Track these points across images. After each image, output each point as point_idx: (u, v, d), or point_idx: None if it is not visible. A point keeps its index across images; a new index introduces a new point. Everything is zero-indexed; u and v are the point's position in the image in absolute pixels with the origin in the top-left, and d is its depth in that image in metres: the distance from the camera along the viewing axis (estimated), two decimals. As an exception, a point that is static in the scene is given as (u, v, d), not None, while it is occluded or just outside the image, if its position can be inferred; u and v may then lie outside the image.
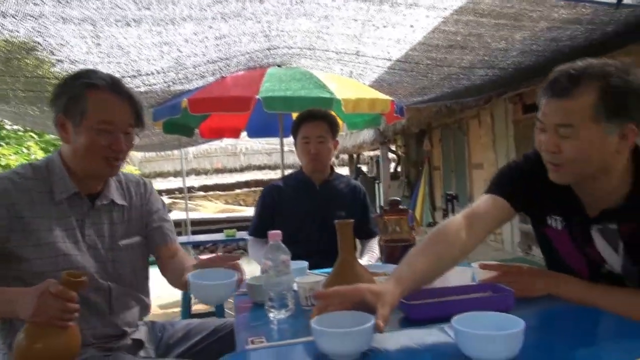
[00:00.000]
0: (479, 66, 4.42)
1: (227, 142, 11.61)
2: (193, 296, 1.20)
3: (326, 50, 4.12)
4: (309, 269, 1.66)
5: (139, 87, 3.56)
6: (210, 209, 9.44)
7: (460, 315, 0.90)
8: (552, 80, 1.16)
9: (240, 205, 10.80)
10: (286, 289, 1.24)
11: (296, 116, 2.48)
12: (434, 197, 9.65)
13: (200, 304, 4.43)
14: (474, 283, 1.34)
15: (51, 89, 1.50)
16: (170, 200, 9.97)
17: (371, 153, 11.20)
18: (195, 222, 7.97)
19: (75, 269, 1.29)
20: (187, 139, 6.00)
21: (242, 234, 4.74)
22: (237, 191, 11.30)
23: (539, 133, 1.22)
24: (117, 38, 2.73)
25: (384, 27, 3.53)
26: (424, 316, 1.13)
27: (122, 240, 1.50)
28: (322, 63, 4.56)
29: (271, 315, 1.23)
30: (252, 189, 11.60)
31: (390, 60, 4.26)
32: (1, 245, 1.28)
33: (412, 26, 3.53)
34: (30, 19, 2.37)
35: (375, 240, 2.45)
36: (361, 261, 2.47)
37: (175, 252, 1.59)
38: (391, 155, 11.21)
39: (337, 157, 11.98)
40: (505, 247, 6.34)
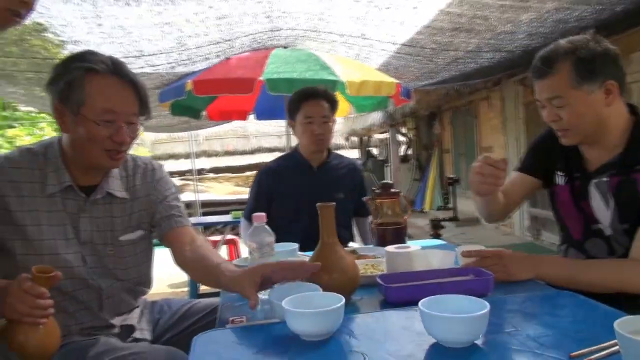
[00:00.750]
0: (486, 49, 4.35)
1: (237, 125, 11.61)
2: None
3: (330, 33, 4.08)
4: (305, 251, 1.65)
5: (143, 67, 3.58)
6: (220, 190, 9.52)
7: (428, 298, 0.92)
8: (533, 66, 1.39)
9: (249, 187, 10.87)
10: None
11: (294, 94, 2.38)
12: (444, 180, 9.60)
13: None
14: (457, 267, 1.35)
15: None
16: (181, 182, 10.07)
17: (381, 136, 11.13)
18: (205, 203, 8.06)
19: (62, 267, 1.21)
20: (196, 122, 6.03)
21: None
22: (247, 173, 11.35)
23: (541, 110, 1.44)
24: (118, 18, 2.74)
25: (387, 8, 3.48)
26: (403, 299, 1.15)
27: (123, 236, 1.40)
28: (327, 45, 4.52)
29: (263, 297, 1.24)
30: (262, 171, 11.58)
31: (395, 44, 4.20)
32: None
33: (415, 7, 3.47)
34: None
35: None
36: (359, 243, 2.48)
37: (191, 238, 1.44)
38: (402, 138, 11.14)
39: (347, 139, 11.94)
40: (515, 231, 6.31)
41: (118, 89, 1.27)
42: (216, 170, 11.51)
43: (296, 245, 1.60)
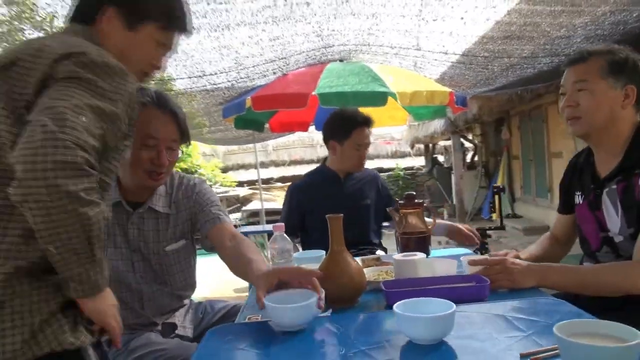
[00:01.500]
0: (542, 55, 4.25)
1: (304, 134, 11.93)
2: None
3: (381, 46, 4.21)
4: None
5: (205, 85, 3.90)
6: (286, 199, 9.86)
7: (404, 301, 1.03)
8: (570, 57, 1.51)
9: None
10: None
11: (343, 118, 2.44)
12: (513, 187, 9.28)
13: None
14: (459, 274, 1.43)
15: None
16: (250, 191, 10.54)
17: (446, 143, 10.98)
18: (271, 212, 8.40)
19: (111, 271, 1.30)
20: (260, 134, 6.37)
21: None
22: (313, 182, 11.62)
23: (561, 100, 1.50)
24: (180, 44, 3.05)
25: (434, 20, 3.54)
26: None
27: (169, 246, 1.57)
28: (381, 57, 4.64)
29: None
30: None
31: (446, 53, 4.24)
32: None
33: (462, 18, 3.51)
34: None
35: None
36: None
37: (231, 234, 1.55)
38: (468, 144, 10.90)
39: (412, 147, 11.88)
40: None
41: (159, 118, 1.48)
42: (283, 179, 11.92)
43: (322, 252, 1.72)
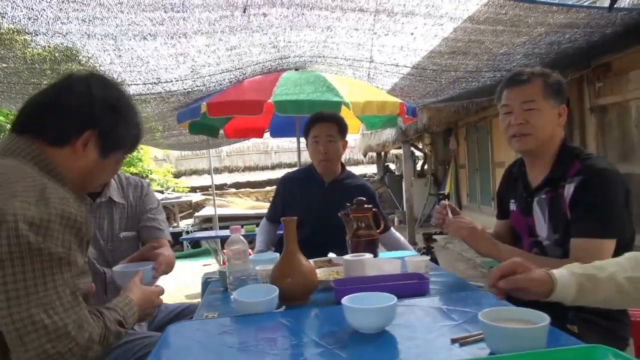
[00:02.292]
0: (485, 69, 4.53)
1: (258, 141, 11.93)
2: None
3: (336, 58, 4.35)
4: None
5: (160, 92, 3.90)
6: (240, 205, 9.83)
7: (351, 295, 1.14)
8: (511, 77, 1.63)
9: (269, 202, 11.16)
10: (244, 274, 1.49)
11: (308, 118, 2.57)
12: (459, 195, 9.69)
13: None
14: (404, 272, 1.56)
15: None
16: (203, 197, 10.44)
17: (397, 151, 11.32)
18: (225, 217, 8.37)
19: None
20: (215, 140, 6.36)
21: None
22: (268, 188, 11.69)
23: (505, 118, 1.63)
24: (136, 50, 3.06)
25: (385, 35, 3.72)
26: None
27: (122, 233, 1.77)
28: (335, 68, 4.79)
29: (232, 295, 1.49)
30: (283, 186, 11.84)
31: (397, 65, 4.44)
32: None
33: (412, 34, 3.71)
34: (59, 36, 2.73)
35: (393, 232, 2.57)
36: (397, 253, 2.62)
37: (160, 246, 1.72)
38: (419, 153, 11.29)
39: (365, 155, 12.16)
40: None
41: None
42: (237, 185, 11.89)
43: (277, 255, 1.80)
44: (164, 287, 1.41)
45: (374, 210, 2.04)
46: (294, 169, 3.43)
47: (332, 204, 2.35)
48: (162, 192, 10.20)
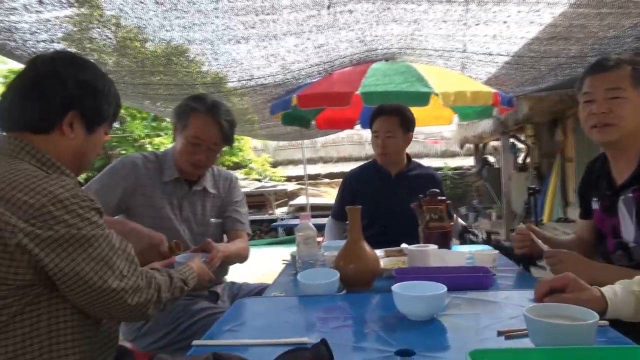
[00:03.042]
0: (591, 54, 4.19)
1: (352, 132, 12.04)
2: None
3: (425, 49, 4.31)
4: None
5: (254, 86, 4.17)
6: (333, 195, 10.08)
7: (402, 283, 1.20)
8: (595, 64, 1.53)
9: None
10: (312, 259, 1.61)
11: (373, 110, 2.59)
12: (566, 191, 9.01)
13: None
14: (468, 265, 1.58)
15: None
16: (298, 186, 10.85)
17: (496, 143, 10.79)
18: (317, 206, 8.66)
19: (173, 230, 1.82)
20: (308, 131, 6.59)
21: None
22: (361, 179, 11.74)
23: (585, 107, 1.53)
24: (231, 53, 3.32)
25: (476, 25, 3.61)
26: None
27: (212, 219, 1.99)
28: (425, 59, 4.73)
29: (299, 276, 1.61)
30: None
31: (490, 54, 4.28)
32: (127, 201, 1.81)
33: (505, 22, 3.56)
34: (163, 42, 3.05)
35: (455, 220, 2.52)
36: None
37: (236, 237, 2.00)
38: (521, 145, 10.66)
39: (461, 146, 11.72)
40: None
41: (208, 124, 1.84)
42: (331, 175, 12.12)
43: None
44: (259, 270, 1.60)
45: (448, 202, 2.06)
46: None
47: (400, 196, 2.42)
48: (259, 180, 10.77)
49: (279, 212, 9.94)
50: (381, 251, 1.86)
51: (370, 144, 2.65)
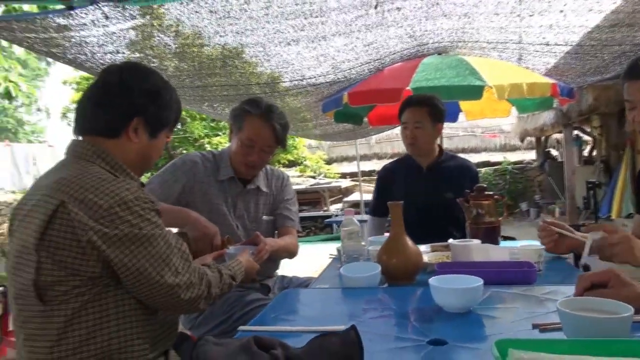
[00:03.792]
0: (660, 40, 3.95)
1: (407, 128, 11.85)
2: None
3: (477, 41, 4.23)
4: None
5: (306, 86, 4.27)
6: (387, 191, 10.05)
7: (439, 276, 1.24)
8: (631, 68, 1.44)
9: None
10: (356, 253, 1.68)
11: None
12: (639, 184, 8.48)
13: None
14: (511, 260, 1.58)
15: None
16: (352, 183, 10.90)
17: (560, 135, 10.31)
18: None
19: (227, 226, 1.92)
20: (360, 129, 6.63)
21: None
22: (416, 175, 11.61)
23: (629, 113, 1.47)
24: (282, 55, 3.43)
25: (530, 16, 3.51)
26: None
27: (264, 217, 2.08)
28: (478, 51, 4.64)
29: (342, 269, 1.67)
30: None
31: (547, 44, 4.13)
32: (186, 197, 1.92)
33: (561, 11, 3.43)
34: (218, 47, 3.21)
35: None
36: None
37: (286, 233, 2.07)
38: (587, 137, 10.13)
39: (522, 140, 11.30)
40: None
41: (262, 127, 1.93)
42: (386, 172, 12.07)
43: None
44: (311, 265, 1.68)
45: (496, 197, 2.04)
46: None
47: (434, 188, 2.43)
48: (314, 177, 10.93)
49: (334, 208, 10.05)
50: (427, 246, 1.88)
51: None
